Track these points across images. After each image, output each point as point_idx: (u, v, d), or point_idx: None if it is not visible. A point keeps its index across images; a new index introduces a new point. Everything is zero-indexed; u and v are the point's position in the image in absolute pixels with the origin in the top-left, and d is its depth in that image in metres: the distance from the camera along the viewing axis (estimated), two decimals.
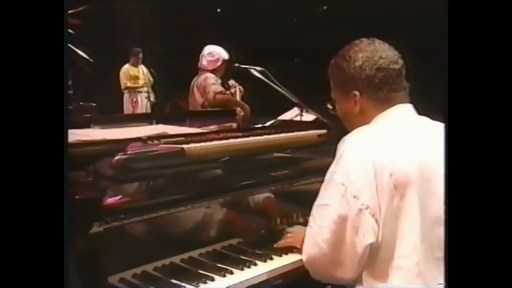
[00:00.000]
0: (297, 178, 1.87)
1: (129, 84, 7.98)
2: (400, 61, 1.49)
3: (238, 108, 3.61)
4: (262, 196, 1.88)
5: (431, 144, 1.39)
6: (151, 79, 7.91)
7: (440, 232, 1.31)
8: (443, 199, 1.28)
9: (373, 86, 1.45)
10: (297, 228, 1.71)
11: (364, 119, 1.48)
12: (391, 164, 1.34)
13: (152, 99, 7.80)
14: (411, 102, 1.51)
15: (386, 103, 1.46)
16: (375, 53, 1.46)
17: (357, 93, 1.47)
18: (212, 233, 1.74)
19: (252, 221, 1.85)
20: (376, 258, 1.36)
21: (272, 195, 1.89)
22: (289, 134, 2.01)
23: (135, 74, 7.99)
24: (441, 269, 1.29)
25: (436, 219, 1.33)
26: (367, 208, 1.33)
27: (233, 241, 1.76)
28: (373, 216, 1.33)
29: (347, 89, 1.49)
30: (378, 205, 1.33)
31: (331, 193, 1.39)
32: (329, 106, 1.61)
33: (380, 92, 1.45)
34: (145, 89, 7.91)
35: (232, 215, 1.82)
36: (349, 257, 1.37)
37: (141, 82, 7.96)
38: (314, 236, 1.41)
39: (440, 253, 1.31)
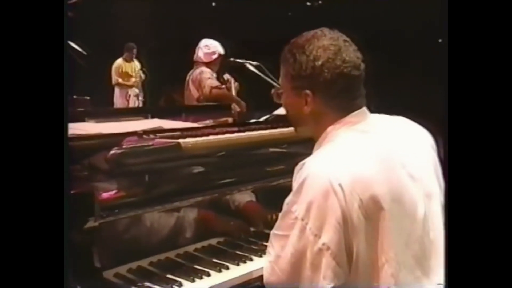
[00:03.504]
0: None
1: (120, 81, 7.95)
2: (362, 66, 1.34)
3: (234, 104, 3.61)
4: (244, 200, 1.88)
5: (394, 156, 1.30)
6: (143, 76, 7.88)
7: (415, 250, 1.27)
8: (412, 216, 1.27)
9: (330, 91, 1.31)
10: None
11: (316, 124, 1.35)
12: (359, 194, 1.20)
13: (140, 98, 7.77)
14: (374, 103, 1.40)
15: (342, 110, 1.33)
16: (338, 54, 1.30)
17: (309, 93, 1.32)
18: (196, 234, 1.74)
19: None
20: None
21: (254, 199, 1.88)
22: (285, 129, 2.00)
23: (127, 71, 7.94)
24: (423, 286, 1.26)
25: (409, 238, 1.26)
26: (328, 249, 1.20)
27: (229, 237, 1.76)
28: (334, 258, 1.20)
29: (300, 86, 1.33)
30: (346, 245, 1.20)
31: (289, 225, 1.25)
32: (273, 93, 1.45)
33: (336, 99, 1.32)
34: (135, 86, 7.88)
35: (223, 216, 1.82)
36: None
37: (132, 80, 7.93)
38: (272, 265, 1.30)
39: (419, 272, 1.27)
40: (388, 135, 1.35)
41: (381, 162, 1.27)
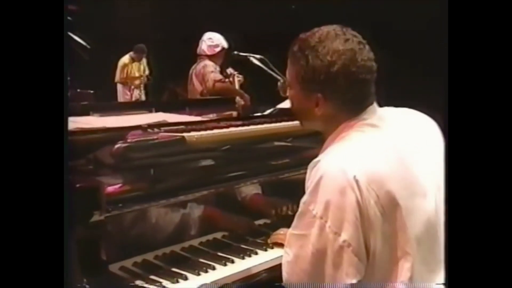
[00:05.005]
0: (298, 167, 1.86)
1: (124, 82, 7.93)
2: (375, 67, 1.31)
3: (238, 97, 3.60)
4: (250, 192, 1.87)
5: (408, 150, 1.30)
6: (147, 72, 7.88)
7: (429, 243, 1.27)
8: (427, 210, 1.27)
9: (342, 96, 1.28)
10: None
11: (326, 123, 1.33)
12: (375, 190, 1.19)
13: (143, 96, 7.78)
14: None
15: (355, 110, 1.31)
16: (353, 59, 1.26)
17: (321, 96, 1.29)
18: (201, 229, 1.73)
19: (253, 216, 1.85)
20: (369, 286, 1.25)
21: (260, 191, 1.88)
22: (290, 122, 2.00)
23: (134, 75, 7.89)
24: (434, 280, 1.26)
25: (424, 232, 1.26)
26: (348, 246, 1.19)
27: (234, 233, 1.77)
28: (355, 255, 1.20)
29: (311, 88, 1.30)
30: (364, 241, 1.20)
31: (307, 224, 1.24)
32: (280, 86, 1.42)
33: (349, 102, 1.30)
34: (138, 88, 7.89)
35: (231, 209, 1.82)
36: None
37: (137, 82, 7.90)
38: (292, 265, 1.29)
39: (433, 264, 1.27)
40: (399, 129, 1.35)
41: (394, 157, 1.27)
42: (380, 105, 1.38)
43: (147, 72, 7.92)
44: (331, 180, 1.21)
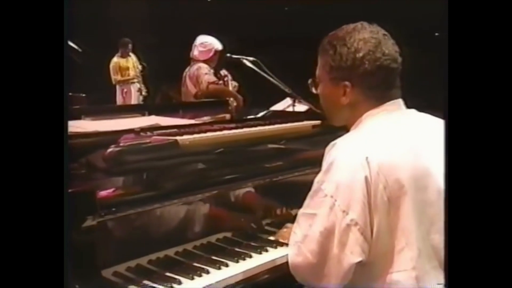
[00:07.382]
0: (292, 169, 1.87)
1: (119, 78, 7.90)
2: (399, 59, 1.40)
3: (231, 99, 3.60)
4: (242, 190, 1.88)
5: (425, 147, 1.33)
6: (140, 67, 7.86)
7: (435, 239, 1.28)
8: (437, 206, 1.27)
9: (368, 82, 1.36)
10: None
11: (352, 113, 1.41)
12: (385, 175, 1.25)
13: (143, 92, 7.75)
14: (402, 97, 1.45)
15: (379, 100, 1.38)
16: (378, 47, 1.35)
17: (348, 84, 1.37)
18: (204, 227, 1.73)
19: (246, 213, 1.85)
20: (371, 273, 1.29)
21: (253, 190, 1.88)
22: (284, 125, 2.00)
23: (125, 66, 7.91)
24: (438, 277, 1.26)
25: (431, 227, 1.28)
26: (355, 224, 1.25)
27: (228, 234, 1.76)
28: (362, 233, 1.25)
29: (339, 77, 1.38)
30: (369, 222, 1.25)
31: (318, 203, 1.31)
32: (310, 83, 1.50)
33: (375, 90, 1.37)
34: (136, 80, 7.86)
35: (225, 208, 1.81)
36: (334, 271, 1.29)
37: (131, 73, 7.90)
38: (299, 245, 1.34)
39: (436, 262, 1.28)
40: (420, 128, 1.40)
41: (410, 150, 1.32)
42: (408, 107, 1.44)
43: (138, 64, 7.91)
44: (344, 161, 1.29)
